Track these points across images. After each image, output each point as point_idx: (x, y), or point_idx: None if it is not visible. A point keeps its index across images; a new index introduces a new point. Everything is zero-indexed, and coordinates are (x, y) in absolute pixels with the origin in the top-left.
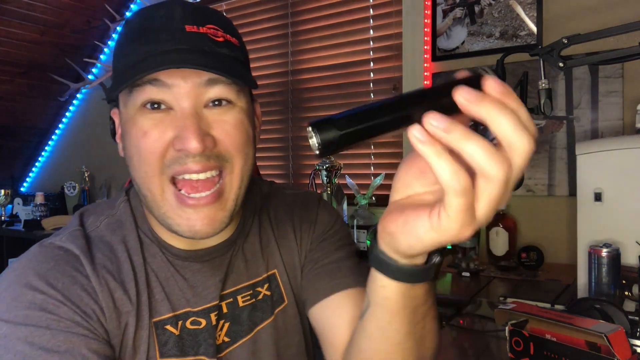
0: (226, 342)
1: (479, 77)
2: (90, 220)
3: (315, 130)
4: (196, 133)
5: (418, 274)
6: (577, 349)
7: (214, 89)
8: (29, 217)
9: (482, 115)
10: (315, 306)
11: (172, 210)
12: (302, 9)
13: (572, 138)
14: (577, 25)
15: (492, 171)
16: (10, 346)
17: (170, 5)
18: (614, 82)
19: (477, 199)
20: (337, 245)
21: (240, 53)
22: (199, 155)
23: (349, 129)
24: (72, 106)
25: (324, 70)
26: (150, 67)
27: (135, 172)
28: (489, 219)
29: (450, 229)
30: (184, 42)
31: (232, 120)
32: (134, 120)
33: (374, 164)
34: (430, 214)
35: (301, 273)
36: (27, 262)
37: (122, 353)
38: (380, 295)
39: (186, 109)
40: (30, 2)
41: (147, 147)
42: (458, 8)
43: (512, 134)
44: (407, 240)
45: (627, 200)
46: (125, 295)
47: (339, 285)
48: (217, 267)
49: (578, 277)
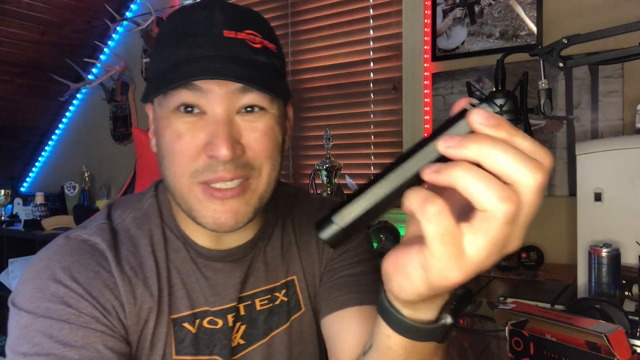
0: (241, 345)
1: (464, 113)
2: (118, 213)
3: (317, 231)
4: (227, 141)
5: (420, 332)
6: (577, 349)
7: (247, 96)
8: (29, 217)
9: (473, 158)
10: (328, 316)
11: (199, 202)
12: (302, 9)
13: (572, 138)
14: (577, 25)
15: (490, 206)
16: (30, 337)
17: (211, 8)
18: (614, 82)
19: (473, 237)
20: (360, 258)
21: (277, 59)
22: (228, 163)
23: (348, 222)
24: (72, 106)
25: (324, 70)
26: (188, 75)
27: (166, 171)
28: (490, 261)
29: (436, 268)
30: (222, 49)
31: (263, 128)
32: (169, 121)
33: (374, 164)
34: (419, 250)
35: (320, 281)
36: (53, 254)
37: (140, 349)
38: (383, 344)
39: (219, 114)
40: (30, 2)
41: (180, 149)
42: (458, 8)
43: (512, 168)
44: (397, 279)
45: (627, 200)
46: (147, 291)
47: (354, 300)
48: (238, 268)
49: (578, 277)
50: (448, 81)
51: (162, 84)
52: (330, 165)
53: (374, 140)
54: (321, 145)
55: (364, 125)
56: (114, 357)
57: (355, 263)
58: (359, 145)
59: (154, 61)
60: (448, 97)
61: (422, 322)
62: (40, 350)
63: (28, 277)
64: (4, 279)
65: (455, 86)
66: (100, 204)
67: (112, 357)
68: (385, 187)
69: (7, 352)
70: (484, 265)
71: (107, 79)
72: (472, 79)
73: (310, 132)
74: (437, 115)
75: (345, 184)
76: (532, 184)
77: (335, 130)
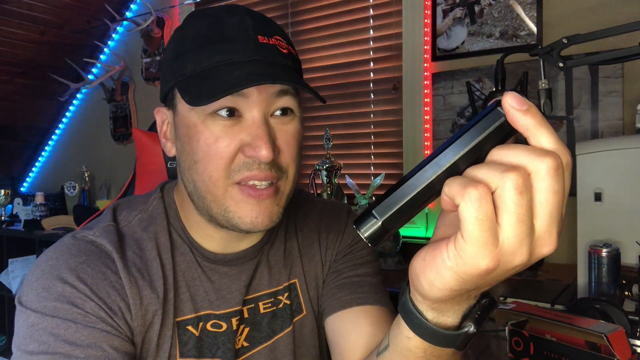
0: (245, 347)
1: (495, 106)
2: (123, 215)
3: (358, 228)
4: (268, 142)
5: (442, 338)
6: (577, 349)
7: (282, 100)
8: (29, 217)
9: (523, 125)
10: (332, 316)
11: (235, 204)
12: (302, 9)
13: (572, 138)
14: (577, 25)
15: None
16: (36, 336)
17: (240, 14)
18: (614, 82)
19: (503, 215)
20: (363, 260)
21: (299, 65)
22: (265, 164)
23: (389, 215)
24: (72, 106)
25: (324, 70)
26: (239, 82)
27: (198, 175)
28: (521, 257)
29: (468, 254)
30: (258, 54)
31: (293, 131)
32: (205, 125)
33: (374, 164)
34: (449, 242)
35: (323, 283)
36: (60, 254)
37: (145, 350)
38: (402, 345)
39: (257, 117)
40: (30, 2)
41: (218, 152)
42: (458, 8)
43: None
44: (427, 275)
45: (627, 200)
46: (154, 294)
47: (359, 300)
48: (244, 272)
49: (578, 277)
50: (448, 81)
51: (208, 90)
52: (330, 165)
53: (374, 140)
54: (321, 145)
55: (364, 125)
56: (119, 357)
57: (358, 265)
58: (359, 145)
59: (180, 63)
60: (448, 97)
61: (446, 327)
62: (46, 349)
63: (35, 277)
64: (4, 278)
65: (455, 86)
66: (100, 204)
67: (118, 357)
68: (424, 177)
69: (13, 350)
70: (515, 260)
71: (107, 79)
72: (472, 79)
73: (310, 132)
74: (437, 115)
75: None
76: (545, 168)
77: (335, 130)
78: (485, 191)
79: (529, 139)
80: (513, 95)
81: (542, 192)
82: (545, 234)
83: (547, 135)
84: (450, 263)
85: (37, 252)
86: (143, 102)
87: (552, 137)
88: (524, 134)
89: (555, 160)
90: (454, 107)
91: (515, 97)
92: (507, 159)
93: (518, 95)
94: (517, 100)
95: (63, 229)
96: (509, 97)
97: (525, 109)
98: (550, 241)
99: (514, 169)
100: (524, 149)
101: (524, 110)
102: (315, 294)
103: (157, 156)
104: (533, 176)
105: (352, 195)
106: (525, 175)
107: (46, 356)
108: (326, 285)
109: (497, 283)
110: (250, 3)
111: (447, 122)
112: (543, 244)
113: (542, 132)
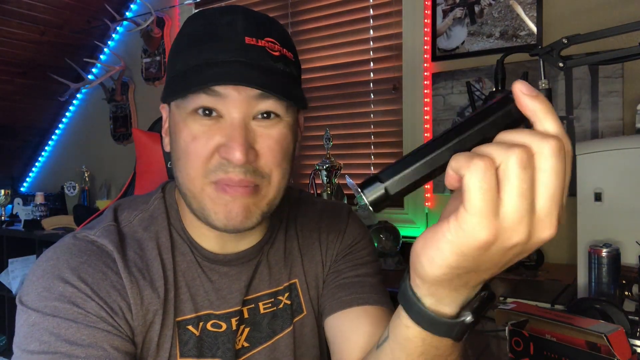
0: (245, 347)
1: (504, 99)
2: (124, 215)
3: (362, 190)
4: (242, 145)
5: (440, 326)
6: (577, 349)
7: (265, 103)
8: (29, 217)
9: (531, 109)
10: (332, 315)
11: (210, 201)
12: (302, 9)
13: (572, 138)
14: (577, 25)
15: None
16: (37, 335)
17: (233, 14)
18: (614, 82)
19: (506, 188)
20: (364, 260)
21: (294, 67)
22: (240, 167)
23: (394, 180)
24: (72, 106)
25: (324, 70)
26: (208, 80)
27: (179, 172)
28: (519, 235)
29: (468, 224)
30: (243, 55)
31: (277, 135)
32: (185, 123)
33: (374, 164)
34: (450, 218)
35: (323, 283)
36: (61, 254)
37: (145, 350)
38: (401, 335)
39: (236, 119)
40: (30, 2)
41: (195, 151)
42: (458, 8)
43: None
44: (427, 253)
45: (627, 200)
46: (154, 294)
47: (359, 300)
48: (244, 272)
49: (578, 277)
50: (448, 81)
51: (182, 86)
52: (330, 165)
53: (374, 140)
54: (321, 145)
55: (364, 125)
56: (120, 357)
57: (359, 265)
58: (359, 145)
59: (173, 62)
60: (448, 97)
61: (443, 315)
62: (47, 349)
63: (36, 276)
64: (4, 278)
65: (455, 86)
66: (100, 204)
67: (118, 356)
68: (431, 149)
69: (14, 349)
70: (513, 237)
71: (107, 79)
72: (472, 79)
73: (310, 132)
74: (437, 115)
75: (345, 184)
76: (548, 148)
77: (335, 130)
78: (491, 163)
79: (535, 124)
80: (523, 83)
81: (545, 172)
82: (546, 217)
83: (552, 122)
84: (451, 236)
85: (37, 252)
86: (143, 102)
87: (557, 124)
88: (531, 118)
89: (558, 143)
90: (454, 107)
91: (525, 84)
92: (513, 139)
93: (528, 83)
94: (527, 87)
95: (63, 229)
96: (519, 84)
97: (534, 94)
98: (551, 224)
99: (518, 147)
100: (529, 131)
101: (533, 96)
102: (316, 294)
103: (157, 156)
104: (537, 156)
105: (352, 195)
106: (530, 153)
107: (47, 356)
108: (326, 286)
109: (495, 268)
110: (250, 3)
111: (447, 122)
112: (543, 226)
113: (548, 118)
